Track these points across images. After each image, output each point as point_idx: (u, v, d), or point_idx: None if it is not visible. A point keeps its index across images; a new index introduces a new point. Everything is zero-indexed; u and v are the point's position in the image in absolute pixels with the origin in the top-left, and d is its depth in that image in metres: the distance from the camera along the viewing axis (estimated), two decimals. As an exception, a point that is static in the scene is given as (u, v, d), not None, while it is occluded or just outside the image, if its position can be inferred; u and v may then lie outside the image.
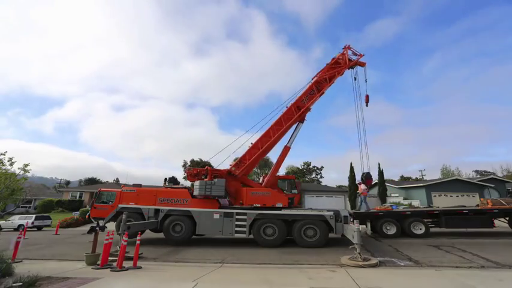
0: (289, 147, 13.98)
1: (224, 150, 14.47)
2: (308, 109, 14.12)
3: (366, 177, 13.99)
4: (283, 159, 14.10)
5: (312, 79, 14.47)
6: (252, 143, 13.83)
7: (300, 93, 14.32)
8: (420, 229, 12.87)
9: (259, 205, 11.98)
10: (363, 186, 14.71)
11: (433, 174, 64.47)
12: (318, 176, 56.29)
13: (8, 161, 13.18)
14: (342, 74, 14.69)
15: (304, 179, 52.54)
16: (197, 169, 13.57)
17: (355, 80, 14.83)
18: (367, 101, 14.54)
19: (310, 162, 56.97)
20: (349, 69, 14.81)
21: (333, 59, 14.70)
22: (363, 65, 14.89)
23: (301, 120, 14.16)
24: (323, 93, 14.22)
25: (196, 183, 12.38)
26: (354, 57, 14.80)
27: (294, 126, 14.14)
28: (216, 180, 12.22)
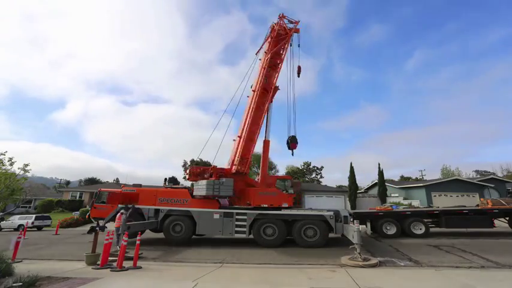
0: (269, 141, 14.18)
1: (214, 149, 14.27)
2: (277, 88, 14.36)
3: (291, 141, 13.89)
4: (268, 154, 14.27)
5: (263, 58, 14.38)
6: (238, 137, 13.46)
7: (258, 75, 14.15)
8: (420, 229, 12.88)
9: (266, 205, 11.96)
10: None
11: (433, 174, 64.46)
12: (318, 176, 56.33)
13: (8, 161, 13.22)
14: (290, 43, 14.66)
15: (304, 179, 52.55)
16: (201, 167, 13.19)
17: (290, 46, 14.81)
18: (298, 72, 14.71)
19: (310, 162, 57.01)
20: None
21: (273, 30, 14.47)
22: (298, 31, 14.93)
23: (271, 101, 14.27)
24: (280, 67, 14.36)
25: (203, 182, 11.87)
26: (291, 26, 14.79)
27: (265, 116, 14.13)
28: (224, 179, 11.87)
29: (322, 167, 57.25)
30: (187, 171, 13.99)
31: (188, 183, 23.24)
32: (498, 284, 5.97)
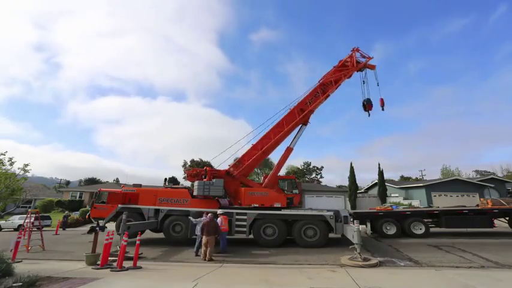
0: (292, 149, 13.85)
1: (229, 150, 14.44)
2: (311, 111, 13.92)
3: (367, 102, 14.11)
4: (285, 160, 14.02)
5: (318, 82, 14.26)
6: (252, 144, 13.81)
7: (304, 96, 14.09)
8: (420, 229, 12.87)
9: (257, 205, 11.96)
10: None
11: (433, 174, 64.52)
12: (318, 176, 56.33)
13: (8, 161, 13.24)
14: (349, 76, 14.36)
15: (304, 179, 52.56)
16: (196, 169, 13.64)
17: (363, 83, 14.55)
18: (382, 105, 14.24)
19: (310, 162, 57.04)
20: (358, 71, 14.51)
21: (340, 61, 14.45)
22: (372, 67, 14.52)
23: (305, 122, 13.93)
24: (328, 96, 13.99)
25: (196, 183, 12.42)
26: (362, 60, 14.50)
27: (298, 128, 13.97)
28: (214, 180, 12.29)
29: (322, 167, 57.33)
30: (185, 172, 14.33)
31: (188, 183, 23.29)
32: (498, 284, 5.97)
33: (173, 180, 41.51)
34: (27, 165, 13.79)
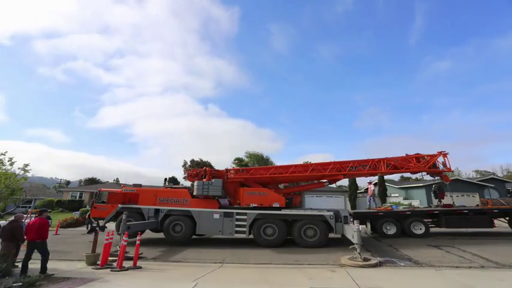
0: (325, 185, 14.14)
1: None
2: (347, 177, 13.87)
3: (440, 190, 14.22)
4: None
5: (375, 159, 13.12)
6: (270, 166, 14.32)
7: (351, 160, 13.17)
8: (420, 229, 12.86)
9: (255, 205, 11.97)
10: (372, 187, 15.36)
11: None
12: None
13: (8, 161, 13.23)
14: (414, 173, 14.37)
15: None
16: (196, 170, 13.68)
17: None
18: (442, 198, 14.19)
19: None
20: (426, 173, 14.23)
21: (418, 154, 13.58)
22: (446, 180, 14.19)
23: (330, 182, 13.88)
24: (375, 175, 14.11)
25: (195, 183, 12.48)
26: (440, 167, 13.54)
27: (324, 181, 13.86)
28: (213, 180, 12.32)
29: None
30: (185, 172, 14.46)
31: (188, 183, 23.31)
32: (498, 284, 5.97)
33: (173, 180, 41.54)
34: (27, 165, 13.80)
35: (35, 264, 8.13)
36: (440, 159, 13.55)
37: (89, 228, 17.74)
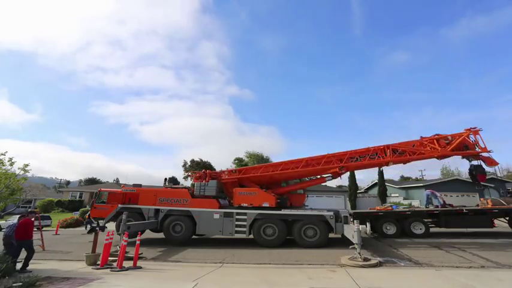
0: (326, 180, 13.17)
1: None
2: (350, 169, 12.79)
3: (479, 171, 11.48)
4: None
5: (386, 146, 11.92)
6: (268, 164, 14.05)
7: (354, 149, 12.39)
8: (420, 229, 12.87)
9: (246, 204, 11.96)
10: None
11: (433, 174, 64.50)
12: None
13: (8, 161, 13.23)
14: (427, 157, 11.64)
15: (304, 178, 52.40)
16: (199, 172, 13.93)
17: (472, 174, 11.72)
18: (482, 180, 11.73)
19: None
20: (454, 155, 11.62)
21: (437, 134, 11.80)
22: (490, 163, 11.34)
23: (334, 176, 12.67)
24: (387, 165, 12.01)
25: (195, 184, 12.89)
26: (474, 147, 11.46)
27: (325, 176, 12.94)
28: (210, 181, 12.67)
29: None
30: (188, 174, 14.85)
31: (188, 183, 23.36)
32: (498, 284, 5.97)
33: (173, 180, 41.50)
34: (27, 165, 13.79)
35: (35, 265, 8.17)
36: (472, 138, 11.43)
37: (87, 228, 17.79)
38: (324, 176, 13.10)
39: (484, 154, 11.14)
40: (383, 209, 14.77)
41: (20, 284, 5.59)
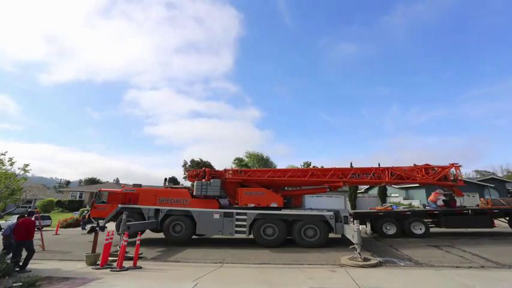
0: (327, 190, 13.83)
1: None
2: (347, 184, 13.66)
3: (450, 199, 13.35)
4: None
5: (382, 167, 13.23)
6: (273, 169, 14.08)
7: (352, 168, 13.82)
8: (420, 229, 12.86)
9: (253, 205, 11.97)
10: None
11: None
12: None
13: (8, 161, 13.21)
14: (418, 183, 13.51)
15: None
16: (196, 170, 13.74)
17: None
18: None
19: (310, 162, 56.97)
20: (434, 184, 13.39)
21: (427, 164, 13.42)
22: (459, 194, 13.30)
23: (332, 189, 13.55)
24: (377, 185, 13.35)
25: (195, 183, 12.60)
26: (452, 179, 13.27)
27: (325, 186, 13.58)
28: (212, 180, 12.37)
29: (322, 166, 57.19)
30: (186, 173, 14.57)
31: (188, 183, 23.36)
32: (498, 284, 5.97)
33: (173, 180, 41.54)
34: (27, 165, 13.77)
35: (35, 265, 8.17)
36: (453, 172, 13.32)
37: (85, 229, 17.82)
38: (324, 186, 13.82)
39: (457, 186, 13.23)
40: (383, 209, 14.78)
41: (20, 284, 5.59)
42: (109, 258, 8.13)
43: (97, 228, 9.33)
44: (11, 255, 7.50)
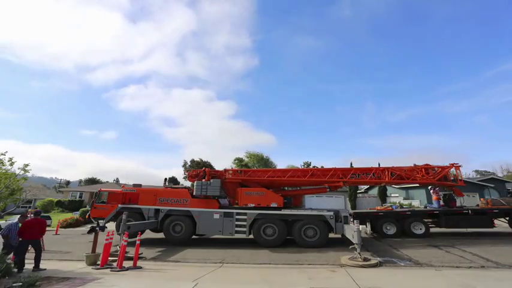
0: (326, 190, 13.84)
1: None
2: (348, 184, 13.85)
3: (450, 199, 13.31)
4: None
5: (377, 167, 13.32)
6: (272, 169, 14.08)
7: (353, 168, 13.87)
8: (420, 229, 12.86)
9: (253, 205, 11.96)
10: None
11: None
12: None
13: (8, 161, 13.22)
14: (418, 183, 13.46)
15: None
16: (196, 170, 13.75)
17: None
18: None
19: (310, 162, 57.00)
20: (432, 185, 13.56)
21: (427, 164, 13.43)
22: (459, 194, 13.29)
23: (332, 189, 13.48)
24: (378, 185, 13.76)
25: (195, 183, 12.60)
26: (452, 179, 13.29)
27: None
28: (212, 180, 12.36)
29: (322, 166, 57.23)
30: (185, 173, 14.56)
31: (188, 183, 23.38)
32: (498, 284, 5.97)
33: (173, 180, 41.54)
34: (27, 165, 13.78)
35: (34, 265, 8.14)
36: (453, 172, 13.33)
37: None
38: (324, 186, 13.82)
39: (457, 186, 13.22)
40: (383, 209, 14.77)
41: (20, 284, 5.59)
42: (109, 258, 8.13)
43: (97, 228, 9.33)
44: (11, 255, 7.51)
